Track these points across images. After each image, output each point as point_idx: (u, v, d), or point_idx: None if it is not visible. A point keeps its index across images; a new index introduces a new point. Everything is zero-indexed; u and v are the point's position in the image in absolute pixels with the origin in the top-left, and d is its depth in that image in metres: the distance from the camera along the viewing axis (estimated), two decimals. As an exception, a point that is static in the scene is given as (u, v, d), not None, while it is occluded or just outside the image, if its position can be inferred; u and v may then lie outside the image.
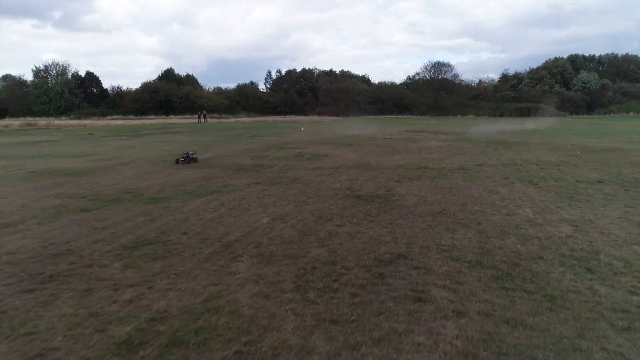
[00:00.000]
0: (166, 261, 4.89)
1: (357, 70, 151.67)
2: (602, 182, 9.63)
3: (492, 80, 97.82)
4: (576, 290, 4.02)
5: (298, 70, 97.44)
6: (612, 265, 4.65)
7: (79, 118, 65.77)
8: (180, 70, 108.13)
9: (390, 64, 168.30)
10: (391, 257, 4.92)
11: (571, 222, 6.33)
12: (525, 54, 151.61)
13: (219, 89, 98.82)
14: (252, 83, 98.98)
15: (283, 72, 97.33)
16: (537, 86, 78.67)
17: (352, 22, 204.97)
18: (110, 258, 5.00)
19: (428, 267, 4.62)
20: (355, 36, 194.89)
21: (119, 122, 51.80)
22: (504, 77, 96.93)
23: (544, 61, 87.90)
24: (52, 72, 77.97)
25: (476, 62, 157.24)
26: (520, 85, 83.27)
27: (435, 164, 12.87)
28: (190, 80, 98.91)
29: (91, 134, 30.90)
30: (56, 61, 79.22)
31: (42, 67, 77.49)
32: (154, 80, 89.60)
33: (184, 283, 4.27)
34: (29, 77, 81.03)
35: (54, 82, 76.78)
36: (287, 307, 3.73)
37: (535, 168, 11.98)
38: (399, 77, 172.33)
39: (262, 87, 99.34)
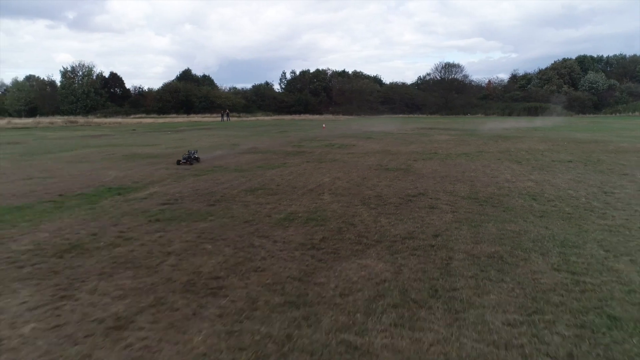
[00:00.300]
0: (278, 196, 8.07)
1: (368, 70, 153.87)
2: (571, 161, 12.64)
3: (502, 80, 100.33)
4: (521, 206, 7.11)
5: (312, 71, 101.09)
6: (548, 197, 7.72)
7: (105, 116, 69.82)
8: (195, 71, 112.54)
9: (401, 64, 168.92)
10: (415, 194, 8.06)
11: (534, 181, 9.40)
12: (538, 54, 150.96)
13: (234, 88, 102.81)
14: (267, 83, 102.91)
15: (297, 73, 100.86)
16: (545, 86, 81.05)
17: (363, 22, 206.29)
18: (242, 194, 8.20)
19: (437, 198, 7.74)
20: (367, 36, 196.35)
21: (149, 120, 55.58)
22: (513, 78, 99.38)
23: (553, 62, 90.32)
24: (79, 72, 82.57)
25: (487, 62, 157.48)
26: (529, 86, 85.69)
27: (444, 151, 15.93)
28: (207, 80, 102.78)
29: (134, 130, 34.46)
30: (83, 62, 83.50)
31: (69, 68, 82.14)
32: (173, 80, 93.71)
33: (297, 202, 7.45)
34: (57, 77, 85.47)
35: (80, 82, 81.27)
36: (360, 210, 6.88)
37: (524, 153, 14.98)
38: (409, 77, 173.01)
39: (276, 87, 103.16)
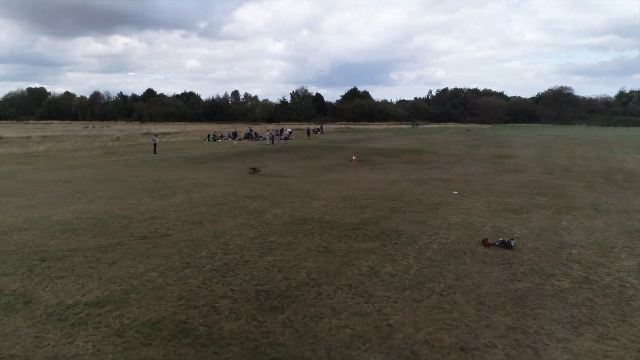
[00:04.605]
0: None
1: (483, 72, 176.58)
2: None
3: (609, 97, 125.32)
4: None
5: (450, 89, 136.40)
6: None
7: (320, 123, 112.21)
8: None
9: (519, 65, 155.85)
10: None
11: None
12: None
13: (386, 101, 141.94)
14: (415, 98, 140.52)
15: (440, 90, 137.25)
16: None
17: (481, 22, 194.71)
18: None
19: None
20: (483, 36, 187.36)
21: (356, 126, 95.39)
22: (620, 94, 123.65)
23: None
24: (300, 94, 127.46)
25: (622, 62, 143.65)
26: (629, 102, 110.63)
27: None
28: (366, 95, 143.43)
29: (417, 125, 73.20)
30: (301, 86, 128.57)
31: (294, 91, 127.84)
32: (357, 99, 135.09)
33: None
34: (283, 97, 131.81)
35: (301, 101, 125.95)
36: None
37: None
38: (528, 79, 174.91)
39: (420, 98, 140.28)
